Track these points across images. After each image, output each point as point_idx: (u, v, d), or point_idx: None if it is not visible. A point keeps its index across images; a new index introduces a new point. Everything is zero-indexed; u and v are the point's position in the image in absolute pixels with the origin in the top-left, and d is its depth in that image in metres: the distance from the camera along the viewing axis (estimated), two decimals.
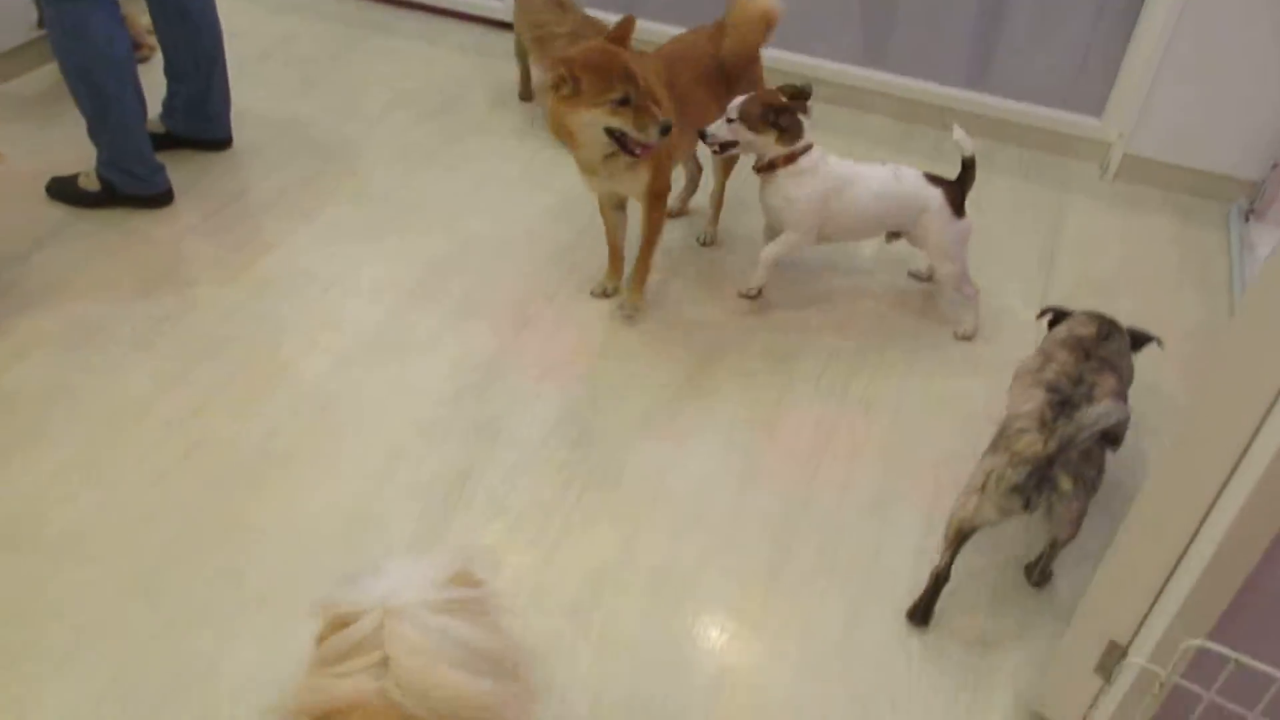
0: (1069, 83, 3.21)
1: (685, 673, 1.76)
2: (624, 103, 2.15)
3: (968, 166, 2.40)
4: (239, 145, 3.04)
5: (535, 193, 2.94)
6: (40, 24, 3.11)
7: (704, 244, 2.79)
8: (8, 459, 2.05)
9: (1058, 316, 2.14)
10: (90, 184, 2.70)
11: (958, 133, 2.38)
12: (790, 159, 2.38)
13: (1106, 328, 2.00)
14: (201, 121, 2.92)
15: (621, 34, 2.26)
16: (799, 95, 2.39)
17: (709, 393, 2.33)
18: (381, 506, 2.02)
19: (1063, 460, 1.68)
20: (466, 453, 2.14)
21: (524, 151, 3.12)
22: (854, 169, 2.44)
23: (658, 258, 2.53)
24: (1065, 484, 1.70)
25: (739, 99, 2.37)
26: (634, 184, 2.37)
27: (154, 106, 2.87)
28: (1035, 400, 1.81)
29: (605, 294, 2.57)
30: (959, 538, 1.79)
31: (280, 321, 2.45)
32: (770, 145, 2.38)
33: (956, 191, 2.42)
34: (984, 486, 1.74)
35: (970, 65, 3.31)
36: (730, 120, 2.36)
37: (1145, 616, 1.38)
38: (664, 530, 2.01)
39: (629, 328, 2.50)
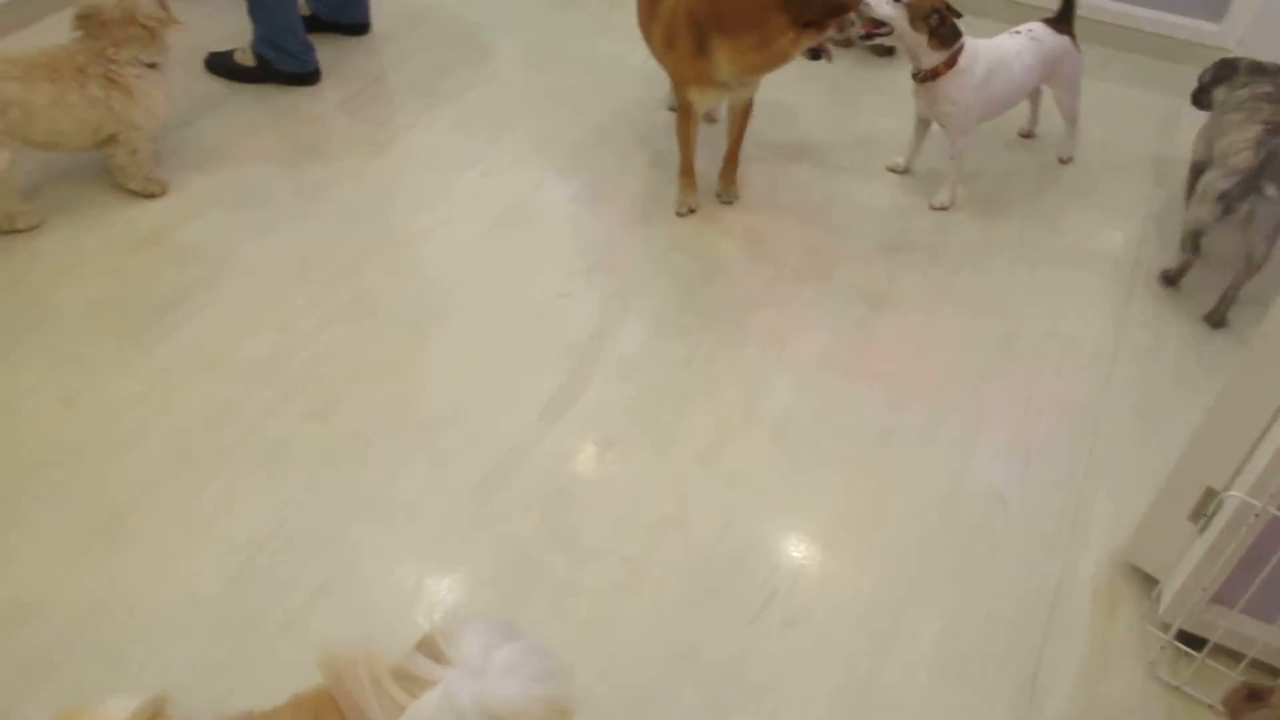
0: None
1: (800, 516, 1.95)
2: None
3: (1068, 1, 2.63)
4: (377, 31, 3.21)
5: (664, 84, 3.07)
6: None
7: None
8: (195, 298, 2.29)
9: (1215, 78, 2.53)
10: (246, 59, 2.90)
11: None
12: (951, 63, 2.47)
13: None
14: (345, 6, 3.09)
15: None
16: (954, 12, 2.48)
17: (826, 271, 2.48)
18: (531, 357, 2.22)
19: (1271, 171, 2.14)
20: (601, 317, 2.32)
21: None
22: (1001, 48, 2.56)
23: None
24: (1271, 190, 2.14)
25: None
26: (751, 90, 2.51)
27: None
28: (1252, 130, 2.25)
29: (690, 211, 2.61)
30: (1188, 237, 2.36)
31: (424, 193, 2.64)
32: (921, 45, 2.44)
33: (1071, 28, 2.65)
34: (1200, 196, 2.26)
35: None
36: (896, 1, 2.41)
37: (1244, 461, 1.53)
38: (783, 390, 2.18)
39: (734, 213, 2.65)
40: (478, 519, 1.90)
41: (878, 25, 2.44)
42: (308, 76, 2.93)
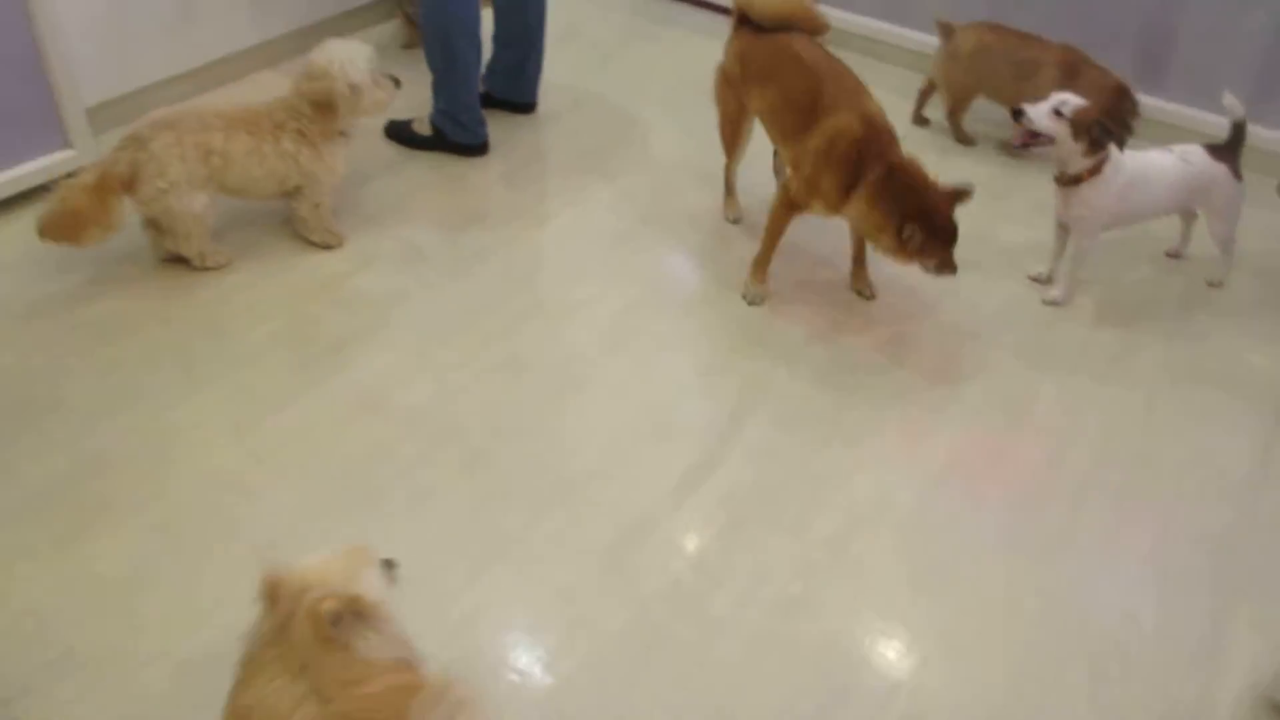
0: None
1: (926, 615, 1.95)
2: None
3: (1239, 129, 2.58)
4: (543, 110, 3.40)
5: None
6: None
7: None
8: (360, 343, 2.44)
9: None
10: (423, 129, 3.11)
11: (1228, 98, 2.54)
12: (1095, 170, 2.50)
13: None
14: (516, 85, 3.29)
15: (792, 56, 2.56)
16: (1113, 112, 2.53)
17: (963, 374, 2.50)
18: (670, 429, 2.29)
19: None
20: (739, 399, 2.39)
21: None
22: (1146, 163, 2.56)
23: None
24: None
25: (1070, 97, 2.47)
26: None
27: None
28: None
29: (761, 301, 2.66)
30: None
31: (577, 265, 2.77)
32: (1075, 154, 2.48)
33: (1234, 158, 2.60)
34: None
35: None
36: (1059, 114, 2.44)
37: None
38: (916, 489, 2.20)
39: (873, 308, 2.70)
40: (608, 579, 1.96)
41: (1034, 135, 2.50)
42: (478, 148, 3.12)
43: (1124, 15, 3.34)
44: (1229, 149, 2.63)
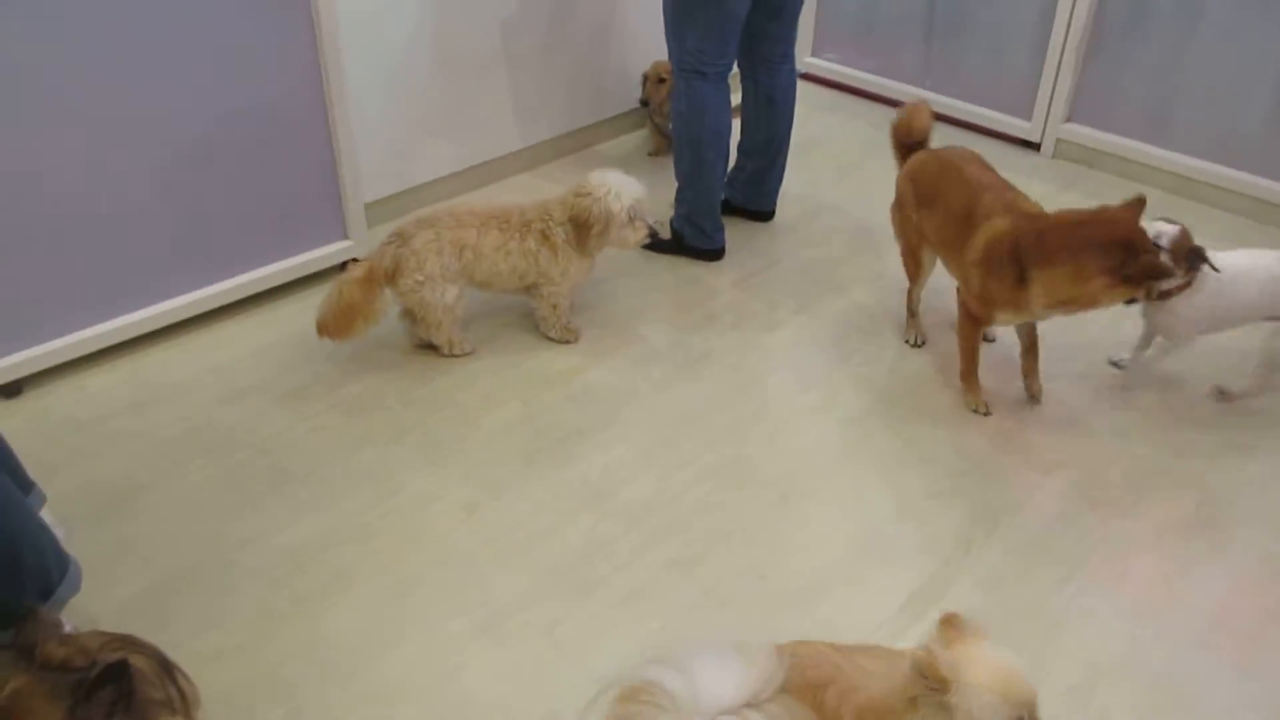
0: None
1: None
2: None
3: None
4: (780, 219, 3.44)
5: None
6: (643, 101, 3.73)
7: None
8: (590, 437, 2.50)
9: None
10: (663, 233, 3.20)
11: None
12: (1185, 286, 2.42)
13: None
14: (757, 194, 3.36)
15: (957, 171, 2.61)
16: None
17: (1219, 522, 2.27)
18: (894, 549, 2.20)
19: None
20: (969, 524, 2.27)
21: None
22: (1234, 265, 2.44)
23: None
24: None
25: (1166, 228, 2.39)
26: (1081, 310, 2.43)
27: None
28: None
29: (986, 412, 2.61)
30: None
31: (805, 374, 2.74)
32: (1173, 278, 2.40)
33: None
34: None
35: None
36: (1162, 249, 2.35)
37: None
38: (1165, 642, 1.99)
39: (1122, 440, 2.50)
40: None
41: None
42: (715, 253, 3.19)
43: None
44: None
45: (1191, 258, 2.39)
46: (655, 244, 3.21)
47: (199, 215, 2.73)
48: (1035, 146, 3.92)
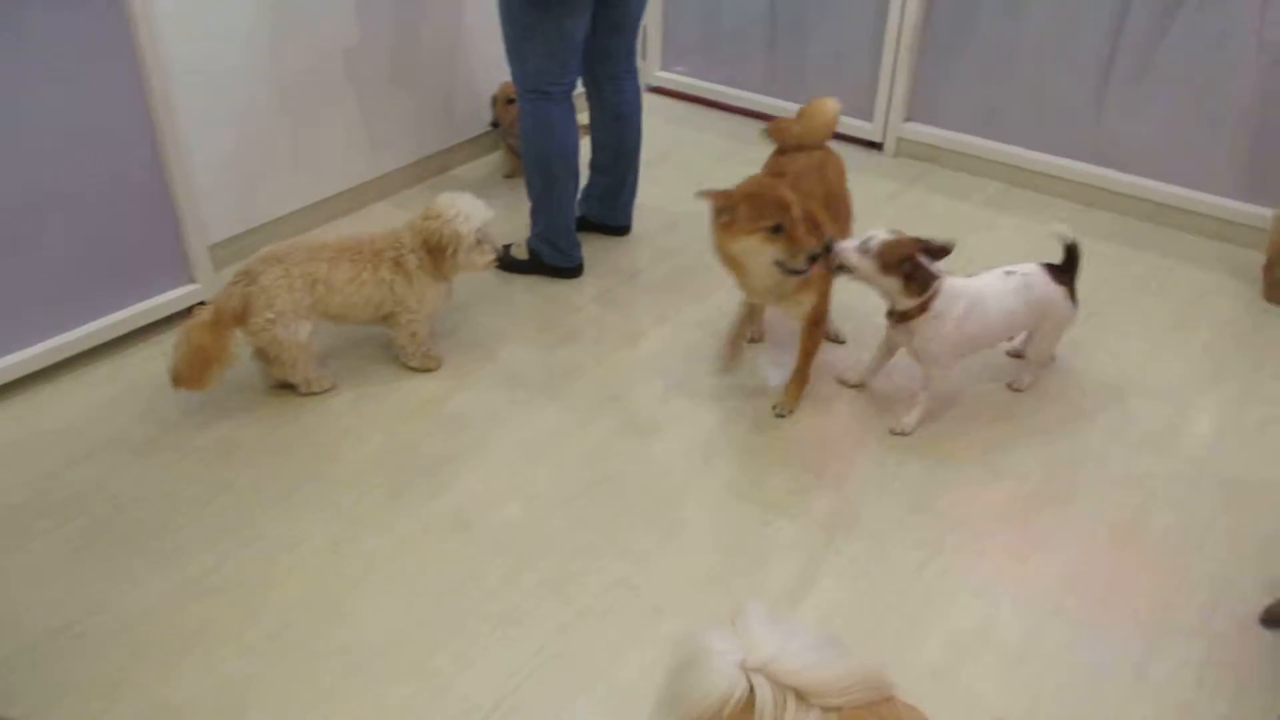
0: None
1: None
2: (776, 230, 2.30)
3: (1071, 253, 2.57)
4: (637, 232, 3.47)
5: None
6: (494, 123, 3.73)
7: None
8: (455, 464, 2.48)
9: None
10: (520, 253, 3.21)
11: (1057, 226, 2.55)
12: (923, 308, 2.43)
13: None
14: (611, 210, 3.39)
15: (779, 170, 2.57)
16: (940, 251, 2.41)
17: (1070, 492, 2.40)
18: (761, 552, 2.25)
19: None
20: (835, 516, 2.33)
21: None
22: (982, 288, 2.50)
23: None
24: None
25: (881, 234, 2.39)
26: (798, 308, 2.52)
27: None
28: None
29: (788, 413, 2.64)
30: None
31: (667, 384, 2.77)
32: (896, 290, 2.42)
33: (1069, 279, 2.59)
34: None
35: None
36: (865, 251, 2.38)
37: None
38: (1021, 613, 2.09)
39: (967, 431, 2.62)
40: None
41: (843, 267, 2.43)
42: (573, 270, 3.20)
43: None
44: (1063, 271, 2.59)
45: (906, 267, 2.37)
46: (513, 264, 3.22)
47: (30, 268, 2.61)
48: (879, 146, 4.07)
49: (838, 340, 2.92)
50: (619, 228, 3.44)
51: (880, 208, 3.62)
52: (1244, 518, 2.33)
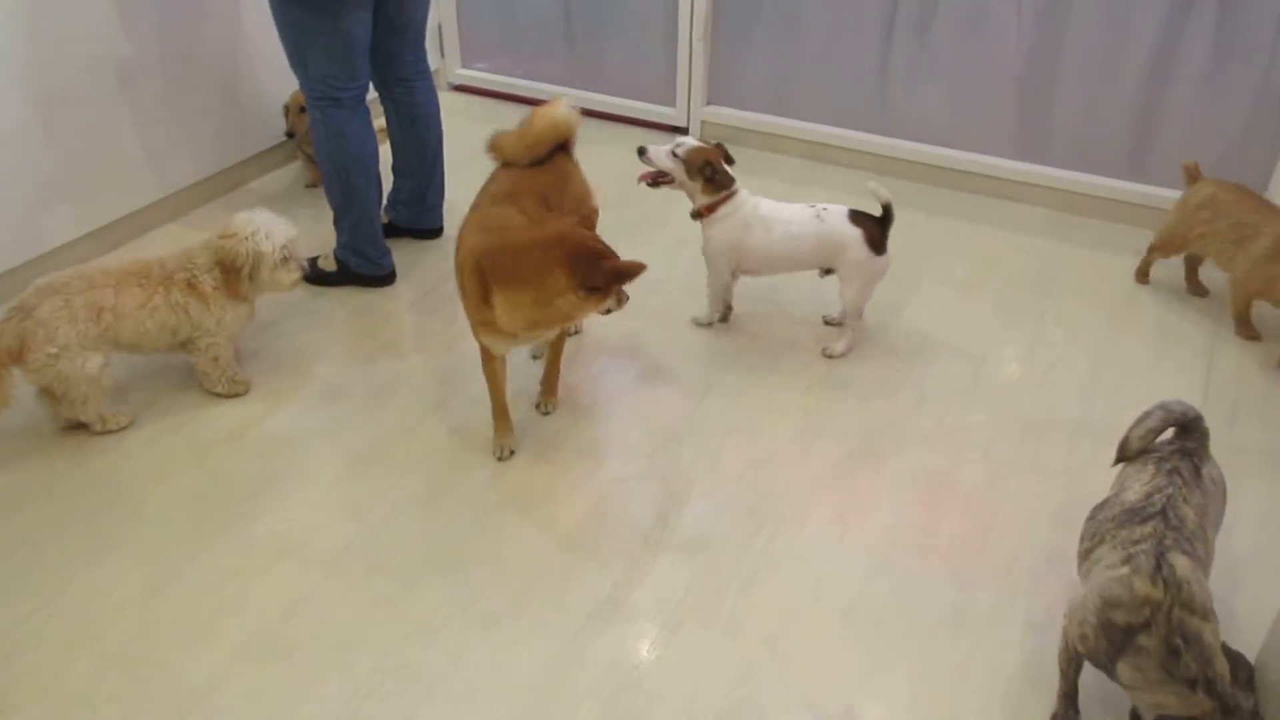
0: (1228, 168, 3.32)
1: (874, 701, 1.90)
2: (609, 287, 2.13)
3: (887, 210, 2.67)
4: (449, 234, 3.41)
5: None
6: (289, 133, 3.58)
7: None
8: (273, 490, 2.37)
9: None
10: (328, 265, 3.10)
11: (872, 186, 2.65)
12: (711, 209, 2.72)
13: None
14: (419, 213, 3.31)
15: (514, 190, 2.42)
16: (727, 157, 2.73)
17: (885, 450, 2.50)
18: (598, 542, 2.24)
19: None
20: (665, 500, 2.35)
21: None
22: (776, 211, 2.73)
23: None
24: None
25: (690, 141, 2.72)
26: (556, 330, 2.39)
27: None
28: None
29: (510, 453, 2.49)
30: None
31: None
32: (697, 192, 2.71)
33: (877, 230, 2.68)
34: None
35: (1129, 155, 3.46)
36: (675, 155, 2.68)
37: None
38: (850, 571, 2.16)
39: (791, 393, 2.70)
40: (548, 706, 1.88)
41: (661, 174, 2.72)
42: (385, 278, 3.11)
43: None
44: (872, 219, 2.68)
45: (707, 170, 2.66)
46: (322, 277, 3.11)
47: None
48: (684, 131, 4.13)
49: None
50: (430, 231, 3.37)
51: None
52: (1040, 457, 2.48)
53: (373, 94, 2.96)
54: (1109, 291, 3.12)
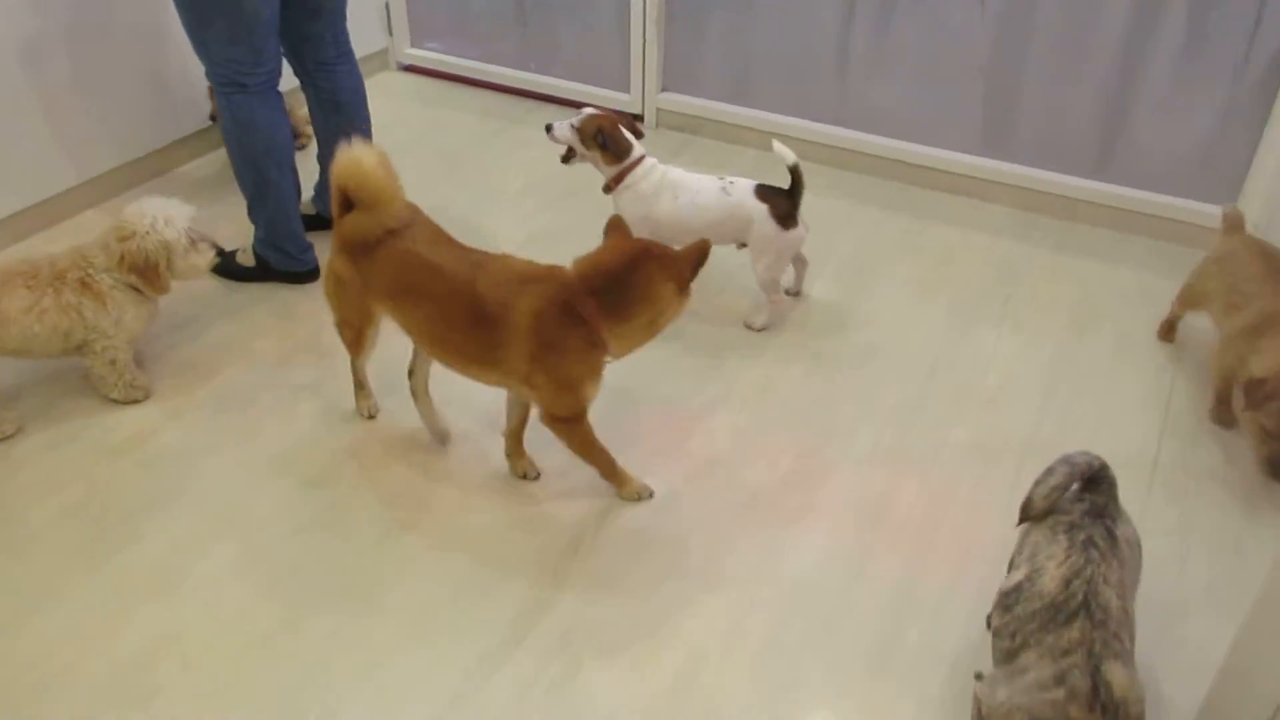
0: (1199, 170, 3.16)
1: None
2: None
3: (795, 176, 2.60)
4: None
5: None
6: (213, 116, 3.40)
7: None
8: (163, 508, 2.22)
9: None
10: (246, 260, 2.93)
11: (777, 146, 2.60)
12: (618, 179, 2.68)
13: None
14: None
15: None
16: (634, 129, 2.69)
17: (819, 478, 2.35)
18: (505, 567, 2.10)
19: None
20: (577, 530, 2.21)
21: None
22: (683, 180, 2.69)
23: None
24: None
25: (588, 111, 2.69)
26: None
27: (307, 190, 3.12)
28: None
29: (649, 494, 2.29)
30: None
31: (406, 393, 2.58)
32: (599, 162, 2.68)
33: (785, 204, 2.62)
34: None
35: (1094, 153, 3.30)
36: (573, 127, 2.66)
37: None
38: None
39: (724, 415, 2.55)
40: None
41: (571, 154, 2.72)
42: (306, 275, 2.95)
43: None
44: (778, 192, 2.64)
45: (599, 137, 2.62)
46: (240, 272, 2.94)
47: None
48: (640, 118, 3.95)
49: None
50: None
51: None
52: (983, 480, 2.34)
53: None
54: (1069, 296, 2.98)
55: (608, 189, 2.72)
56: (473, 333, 2.04)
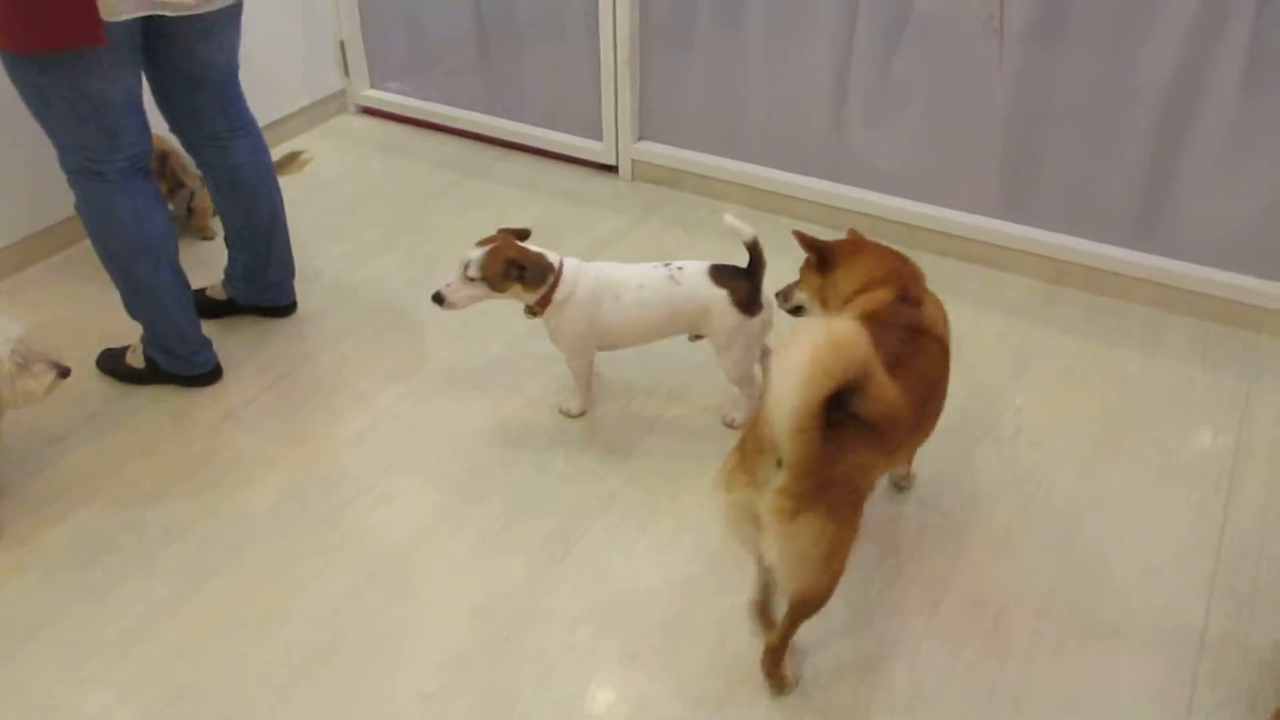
0: (1257, 239, 2.66)
1: None
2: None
3: (754, 253, 2.18)
4: (304, 310, 2.84)
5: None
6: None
7: None
8: None
9: None
10: (136, 361, 2.55)
11: (729, 220, 2.14)
12: (545, 302, 2.24)
13: None
14: (261, 289, 2.74)
15: None
16: (521, 235, 2.25)
17: None
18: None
19: None
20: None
21: None
22: (620, 276, 2.27)
23: None
24: None
25: (475, 253, 2.18)
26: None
27: (216, 273, 2.74)
28: None
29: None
30: None
31: (301, 534, 2.17)
32: (520, 294, 2.23)
33: (746, 287, 2.21)
34: None
35: (1132, 218, 2.81)
36: (471, 279, 2.17)
37: None
38: None
39: None
40: None
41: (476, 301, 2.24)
42: (204, 377, 2.56)
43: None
44: (736, 273, 2.22)
45: (514, 273, 2.17)
46: (131, 375, 2.57)
47: None
48: (614, 169, 3.52)
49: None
50: (279, 307, 2.81)
51: (613, 246, 3.11)
52: (991, 645, 1.88)
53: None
54: (1101, 390, 2.50)
55: (533, 313, 2.29)
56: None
